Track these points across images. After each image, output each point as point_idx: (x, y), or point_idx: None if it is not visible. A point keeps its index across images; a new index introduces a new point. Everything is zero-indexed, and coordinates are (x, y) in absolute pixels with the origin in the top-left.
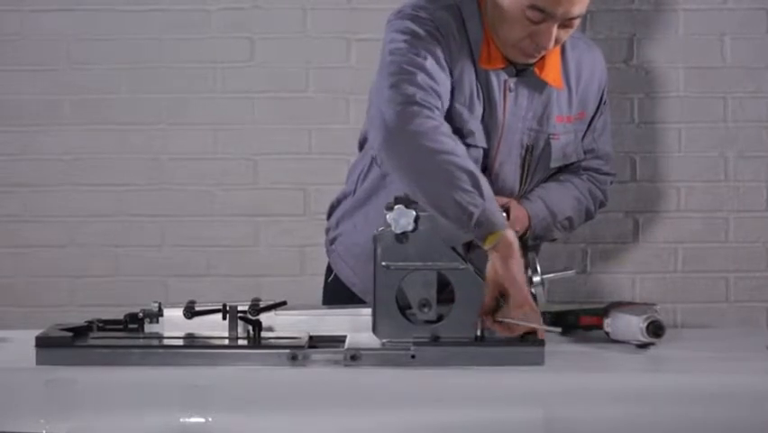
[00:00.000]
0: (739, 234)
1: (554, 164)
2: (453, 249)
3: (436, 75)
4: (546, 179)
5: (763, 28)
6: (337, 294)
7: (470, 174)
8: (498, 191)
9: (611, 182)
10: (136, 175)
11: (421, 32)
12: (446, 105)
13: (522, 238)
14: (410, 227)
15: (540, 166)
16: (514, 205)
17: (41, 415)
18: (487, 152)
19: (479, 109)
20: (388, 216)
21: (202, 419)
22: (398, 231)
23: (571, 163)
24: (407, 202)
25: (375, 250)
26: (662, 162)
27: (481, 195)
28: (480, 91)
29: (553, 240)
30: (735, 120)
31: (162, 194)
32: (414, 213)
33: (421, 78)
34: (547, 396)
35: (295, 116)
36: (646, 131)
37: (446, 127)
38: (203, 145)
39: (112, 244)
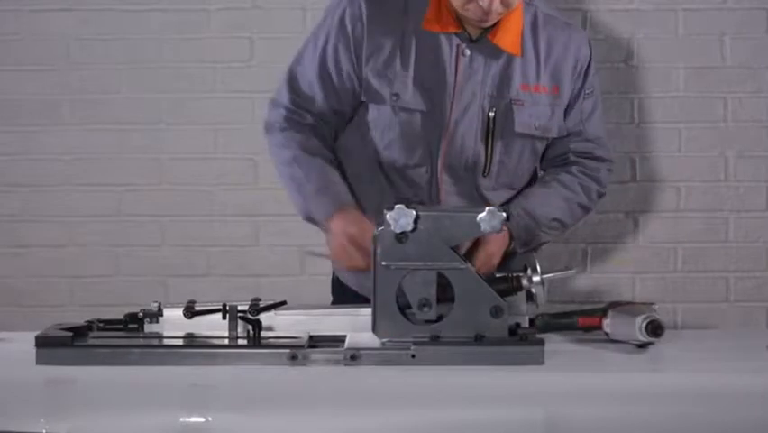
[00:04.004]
0: (739, 234)
1: (519, 129)
2: (453, 249)
3: (323, 70)
4: (532, 181)
5: (763, 28)
6: (344, 289)
7: (294, 179)
8: (457, 154)
9: (609, 169)
10: (136, 175)
11: (329, 18)
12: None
13: (508, 248)
14: (410, 227)
15: (505, 132)
16: None
17: (41, 415)
18: (437, 116)
19: (401, 73)
20: (387, 216)
21: (202, 419)
22: (398, 231)
23: (560, 155)
24: (407, 202)
25: (375, 249)
26: (662, 162)
27: (304, 198)
28: (415, 53)
29: (545, 242)
30: (735, 120)
31: (162, 194)
32: (413, 213)
33: (295, 84)
34: (547, 396)
35: None
36: (646, 131)
37: (298, 137)
38: (203, 145)
39: (112, 244)
